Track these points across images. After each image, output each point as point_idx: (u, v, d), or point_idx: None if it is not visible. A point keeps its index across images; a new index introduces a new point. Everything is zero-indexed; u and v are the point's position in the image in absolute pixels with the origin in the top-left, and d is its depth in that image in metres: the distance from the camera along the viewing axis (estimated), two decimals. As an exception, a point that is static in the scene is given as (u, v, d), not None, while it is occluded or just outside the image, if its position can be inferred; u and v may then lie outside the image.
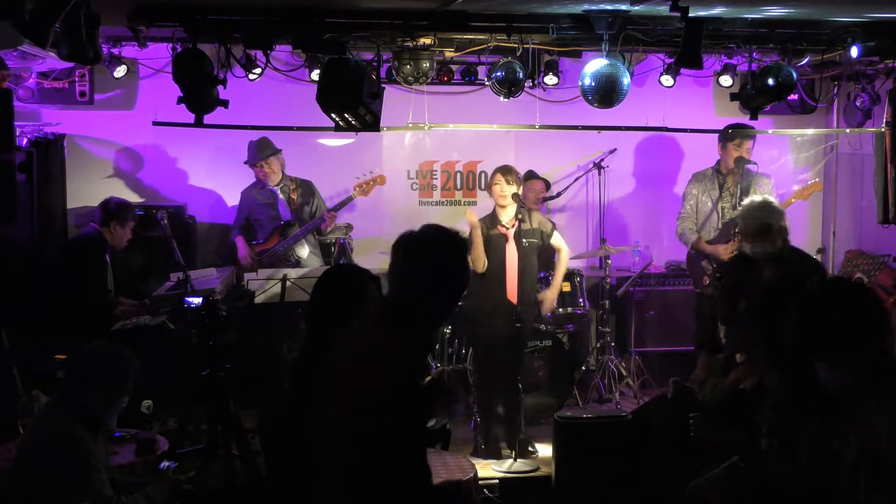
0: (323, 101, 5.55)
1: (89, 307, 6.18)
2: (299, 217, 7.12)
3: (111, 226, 6.41)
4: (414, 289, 2.91)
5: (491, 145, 8.00)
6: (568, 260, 6.50)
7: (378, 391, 2.78)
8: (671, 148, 8.20)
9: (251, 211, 7.21)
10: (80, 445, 3.73)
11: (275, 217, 7.14)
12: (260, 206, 7.16)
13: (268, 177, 7.08)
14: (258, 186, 7.19)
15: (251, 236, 7.19)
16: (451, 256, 2.96)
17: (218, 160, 7.78)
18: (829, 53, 6.09)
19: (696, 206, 6.88)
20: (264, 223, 7.16)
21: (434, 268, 2.91)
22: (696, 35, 5.19)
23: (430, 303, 2.91)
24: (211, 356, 4.82)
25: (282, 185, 7.15)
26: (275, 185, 7.13)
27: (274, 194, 7.15)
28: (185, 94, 5.53)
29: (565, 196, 7.80)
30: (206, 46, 5.63)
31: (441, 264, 2.93)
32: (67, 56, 4.46)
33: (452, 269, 2.96)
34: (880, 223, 6.76)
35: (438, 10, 5.53)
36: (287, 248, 7.02)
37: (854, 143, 7.81)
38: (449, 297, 2.98)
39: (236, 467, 4.77)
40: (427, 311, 2.92)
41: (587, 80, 5.80)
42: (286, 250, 7.02)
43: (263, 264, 6.91)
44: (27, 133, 6.69)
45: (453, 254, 2.97)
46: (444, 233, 3.00)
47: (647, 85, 7.15)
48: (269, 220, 7.14)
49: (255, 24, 5.57)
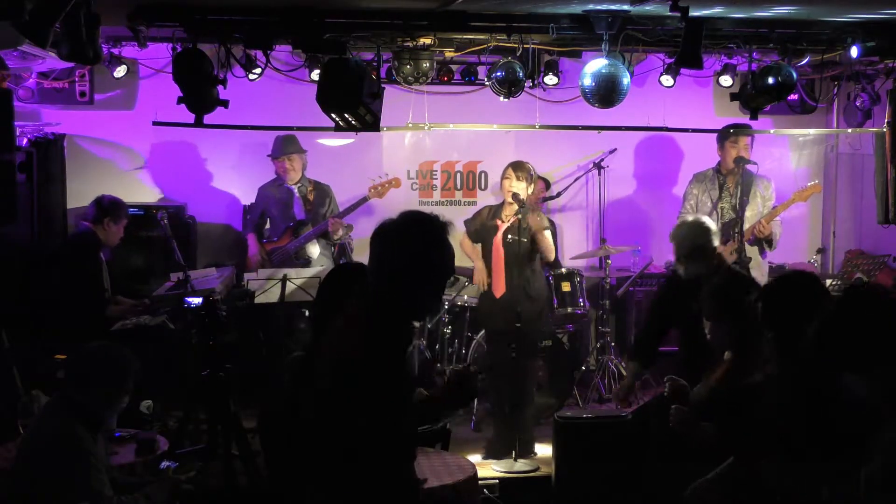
0: (323, 101, 5.55)
1: (86, 306, 6.16)
2: (313, 218, 7.13)
3: (105, 223, 6.38)
4: (395, 278, 2.81)
5: (491, 145, 8.00)
6: (550, 239, 6.16)
7: (354, 384, 2.69)
8: (671, 148, 8.20)
9: (266, 207, 7.21)
10: (80, 445, 3.72)
11: (289, 215, 7.15)
12: (275, 204, 7.17)
13: (287, 173, 7.09)
14: (276, 183, 7.20)
15: (262, 234, 7.21)
16: (432, 243, 2.84)
17: (218, 160, 7.79)
18: (829, 53, 6.09)
19: (696, 207, 6.87)
20: (277, 221, 7.18)
21: (415, 256, 2.80)
22: (696, 35, 5.19)
23: (411, 292, 2.81)
24: (211, 356, 4.83)
25: (300, 184, 7.17)
26: (293, 183, 7.14)
27: (291, 192, 7.16)
28: (185, 94, 5.53)
29: (565, 196, 7.81)
30: (206, 46, 5.63)
31: (422, 252, 2.82)
32: (67, 56, 4.46)
33: (433, 256, 2.84)
34: (880, 223, 6.76)
35: (438, 10, 5.53)
36: (298, 247, 7.02)
37: (854, 143, 7.82)
38: (432, 285, 2.88)
39: (236, 467, 4.78)
40: (409, 301, 2.82)
41: (587, 80, 5.80)
42: (297, 249, 7.02)
43: (274, 263, 6.92)
44: (27, 133, 6.69)
45: (434, 240, 2.85)
46: (424, 218, 2.88)
47: (647, 85, 7.14)
48: (283, 218, 7.15)
49: (255, 24, 5.57)
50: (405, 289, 2.80)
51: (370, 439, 2.71)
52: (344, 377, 2.71)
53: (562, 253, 7.45)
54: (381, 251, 2.87)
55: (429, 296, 2.91)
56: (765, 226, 6.56)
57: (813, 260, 8.13)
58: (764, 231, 6.57)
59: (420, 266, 2.81)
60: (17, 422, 5.10)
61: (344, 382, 2.71)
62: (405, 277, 2.80)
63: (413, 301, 2.83)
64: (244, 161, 7.79)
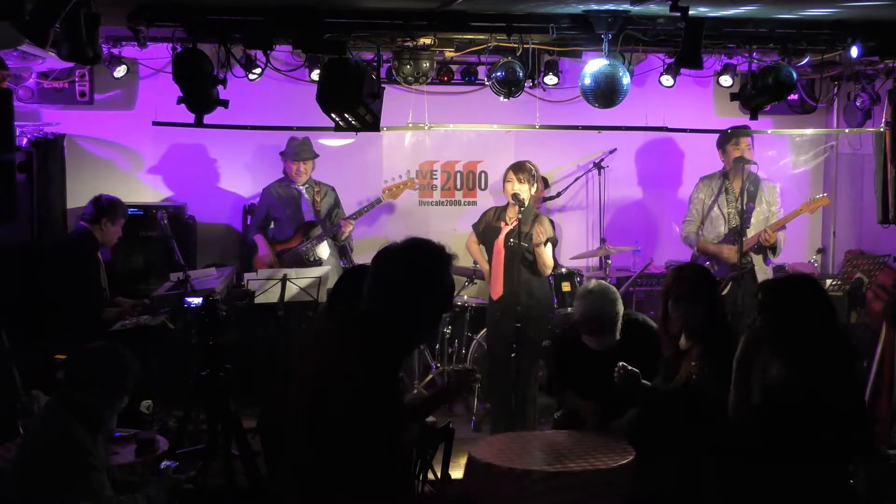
0: (323, 101, 5.55)
1: (84, 306, 6.16)
2: (321, 219, 7.13)
3: (102, 223, 6.37)
4: (393, 302, 2.74)
5: (491, 145, 8.00)
6: (550, 257, 6.16)
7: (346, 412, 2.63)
8: (671, 148, 8.20)
9: (271, 208, 7.19)
10: (80, 445, 3.72)
11: (295, 216, 7.12)
12: (282, 204, 7.15)
13: (298, 175, 7.09)
14: (283, 183, 7.18)
15: (268, 235, 7.20)
16: (437, 273, 2.79)
17: (219, 160, 7.79)
18: (829, 53, 6.08)
19: (701, 210, 6.86)
20: (283, 221, 7.15)
21: (418, 283, 2.74)
22: (696, 35, 5.18)
23: (408, 318, 2.74)
24: (211, 356, 4.83)
25: (307, 185, 7.16)
26: (301, 184, 7.14)
27: (298, 193, 7.15)
28: (184, 94, 5.52)
29: (565, 196, 7.81)
30: (206, 46, 5.62)
31: (426, 280, 2.76)
32: (67, 56, 4.45)
33: (436, 287, 2.79)
34: (880, 223, 6.75)
35: (438, 10, 5.53)
36: (310, 248, 7.01)
37: (854, 143, 7.82)
38: (430, 315, 2.82)
39: (236, 467, 4.77)
40: (404, 328, 2.74)
41: (587, 80, 5.79)
42: (308, 251, 7.02)
43: (285, 263, 6.89)
44: (27, 133, 6.68)
45: (439, 270, 2.79)
46: (432, 247, 2.82)
47: (647, 85, 7.15)
48: (289, 218, 7.13)
49: (255, 24, 5.57)
50: (401, 314, 2.73)
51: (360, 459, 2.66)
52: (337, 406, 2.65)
53: (562, 253, 7.44)
54: (384, 273, 2.80)
55: (425, 326, 2.86)
56: (770, 234, 6.55)
57: (813, 260, 8.12)
58: (769, 240, 6.56)
59: (421, 294, 2.75)
60: (17, 422, 5.10)
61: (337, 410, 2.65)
62: (404, 303, 2.74)
63: (407, 328, 2.76)
64: (244, 161, 7.79)
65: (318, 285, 6.37)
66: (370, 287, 2.80)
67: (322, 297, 6.33)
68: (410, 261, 2.78)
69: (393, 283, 2.76)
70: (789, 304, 3.73)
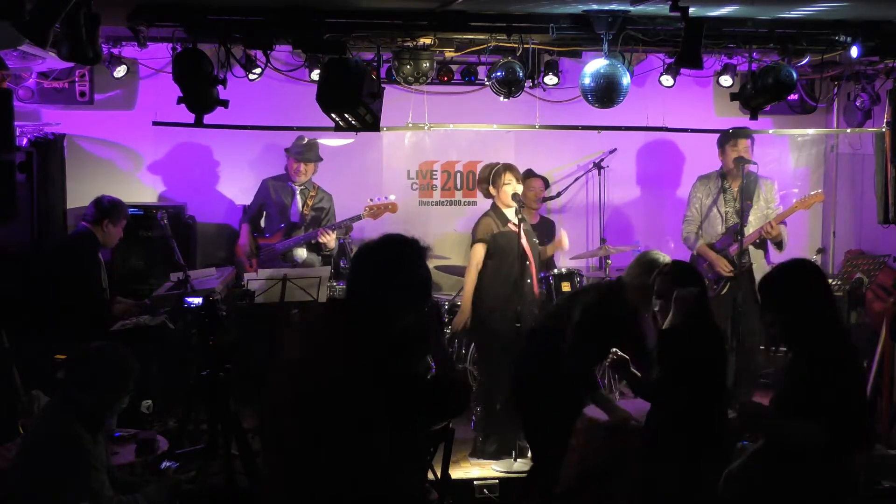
0: (323, 101, 5.55)
1: (84, 306, 6.16)
2: (307, 223, 7.14)
3: (104, 224, 6.35)
4: (371, 296, 2.91)
5: (491, 145, 8.00)
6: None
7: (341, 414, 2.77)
8: (671, 148, 8.20)
9: (266, 201, 7.22)
10: (80, 445, 3.73)
11: (285, 215, 7.15)
12: (275, 200, 7.18)
13: (298, 174, 7.11)
14: (281, 180, 7.21)
15: (258, 227, 7.22)
16: (410, 264, 2.97)
17: (219, 160, 7.79)
18: (829, 53, 6.09)
19: (700, 210, 6.86)
20: (273, 218, 7.19)
21: (391, 276, 2.92)
22: (696, 35, 5.18)
23: (388, 310, 2.90)
24: (211, 356, 4.83)
25: (303, 187, 7.18)
26: (298, 184, 7.16)
27: (293, 193, 7.17)
28: (184, 94, 5.52)
29: (565, 196, 7.80)
30: (206, 46, 5.63)
31: (399, 272, 2.93)
32: (67, 56, 4.46)
33: (411, 277, 2.96)
34: (880, 223, 6.74)
35: (438, 10, 5.53)
36: (287, 248, 7.04)
37: (854, 143, 7.81)
38: (402, 305, 2.94)
39: (236, 467, 4.78)
40: (381, 318, 2.89)
41: (587, 80, 5.80)
42: (285, 250, 7.04)
43: (261, 259, 6.94)
44: (27, 133, 6.68)
45: (411, 261, 2.98)
46: (403, 240, 3.02)
47: (647, 85, 7.15)
48: (279, 216, 7.16)
49: (255, 24, 5.57)
50: (375, 303, 2.89)
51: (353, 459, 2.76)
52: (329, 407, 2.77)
53: (562, 253, 7.43)
54: (357, 267, 3.03)
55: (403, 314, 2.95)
56: (774, 226, 6.53)
57: (813, 260, 8.12)
58: (772, 232, 6.55)
59: (391, 285, 2.92)
60: (17, 422, 5.10)
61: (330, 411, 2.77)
62: (376, 292, 2.91)
63: (384, 316, 2.89)
64: (245, 161, 7.79)
65: (318, 285, 6.37)
66: (348, 280, 3.08)
67: (322, 297, 6.33)
68: (380, 252, 3.00)
69: (365, 275, 2.98)
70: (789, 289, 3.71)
